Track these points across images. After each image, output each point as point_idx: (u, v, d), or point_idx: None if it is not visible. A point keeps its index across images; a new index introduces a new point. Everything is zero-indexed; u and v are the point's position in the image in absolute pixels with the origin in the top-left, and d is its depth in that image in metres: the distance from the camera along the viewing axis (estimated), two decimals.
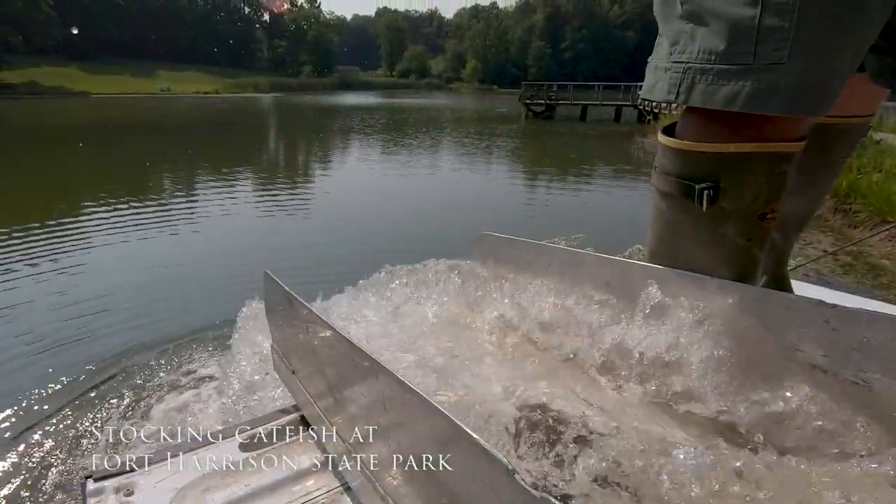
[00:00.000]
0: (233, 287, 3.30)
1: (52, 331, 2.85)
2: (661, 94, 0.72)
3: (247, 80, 54.60)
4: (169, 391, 2.19)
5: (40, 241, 4.58)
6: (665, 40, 0.72)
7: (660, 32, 0.75)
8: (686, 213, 0.76)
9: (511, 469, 0.38)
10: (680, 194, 0.75)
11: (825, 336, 0.61)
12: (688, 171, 0.74)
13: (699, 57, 0.65)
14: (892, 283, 3.68)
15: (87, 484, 0.77)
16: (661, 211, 0.80)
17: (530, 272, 1.05)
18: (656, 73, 0.74)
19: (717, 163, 0.71)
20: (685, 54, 0.67)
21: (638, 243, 3.87)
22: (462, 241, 1.28)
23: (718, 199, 0.71)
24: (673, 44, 0.70)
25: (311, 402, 0.86)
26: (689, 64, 0.67)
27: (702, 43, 0.65)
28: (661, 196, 0.79)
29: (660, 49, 0.75)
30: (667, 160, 0.77)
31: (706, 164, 0.72)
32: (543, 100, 23.18)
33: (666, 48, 0.71)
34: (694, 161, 0.73)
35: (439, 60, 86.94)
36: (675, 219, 0.79)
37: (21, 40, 45.29)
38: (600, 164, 10.52)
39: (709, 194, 0.71)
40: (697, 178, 0.72)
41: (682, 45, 0.68)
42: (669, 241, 0.81)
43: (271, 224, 5.62)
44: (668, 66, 0.71)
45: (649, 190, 0.84)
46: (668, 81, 0.70)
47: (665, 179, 0.78)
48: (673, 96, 0.69)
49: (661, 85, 0.72)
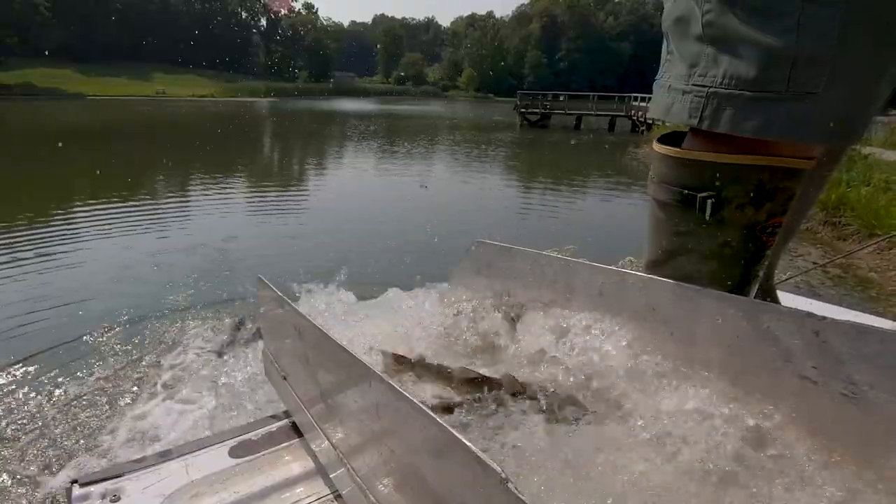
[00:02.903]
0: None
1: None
2: (680, 116, 0.69)
3: (243, 84, 54.61)
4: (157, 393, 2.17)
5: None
6: (680, 60, 0.70)
7: (670, 49, 0.73)
8: (685, 223, 0.75)
9: (504, 478, 0.38)
10: (680, 204, 0.74)
11: (814, 348, 0.62)
12: (689, 181, 0.72)
13: (725, 82, 0.63)
14: (880, 296, 3.72)
15: (73, 489, 0.76)
16: (660, 221, 0.79)
17: (524, 280, 1.06)
18: (671, 93, 0.71)
19: (722, 173, 0.69)
20: (707, 78, 0.65)
21: (630, 254, 3.90)
22: (457, 249, 1.28)
23: (721, 209, 0.70)
24: (692, 65, 0.67)
25: (302, 408, 0.86)
26: (712, 88, 0.64)
27: (728, 68, 0.63)
28: (660, 206, 0.78)
29: (672, 67, 0.72)
30: (668, 169, 0.76)
31: (709, 173, 0.70)
32: (538, 109, 23.35)
33: (683, 69, 0.69)
34: (697, 170, 0.71)
35: (436, 68, 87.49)
36: (673, 229, 0.77)
37: (17, 42, 45.09)
38: (594, 174, 10.59)
39: (712, 203, 0.69)
40: (699, 188, 0.71)
41: (704, 67, 0.65)
42: (667, 251, 0.80)
43: (265, 231, 5.60)
44: (686, 88, 0.68)
45: (646, 201, 0.83)
46: (688, 105, 0.68)
47: (664, 189, 0.76)
48: (695, 121, 0.67)
49: (679, 107, 0.70)
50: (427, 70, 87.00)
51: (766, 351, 0.66)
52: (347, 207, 6.79)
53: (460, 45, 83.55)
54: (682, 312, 0.75)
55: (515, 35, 77.18)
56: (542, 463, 0.65)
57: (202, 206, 6.51)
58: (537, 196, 8.23)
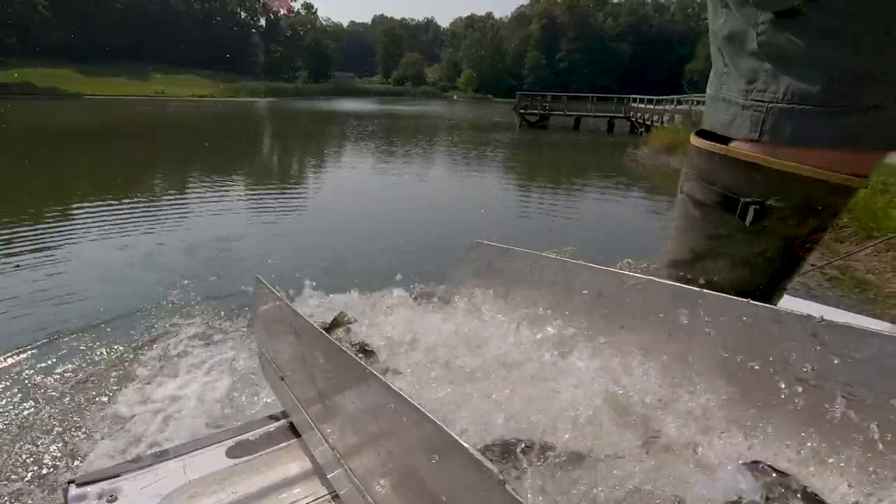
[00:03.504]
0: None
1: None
2: (741, 131, 0.69)
3: (242, 84, 54.57)
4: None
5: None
6: (738, 75, 0.70)
7: (725, 62, 0.72)
8: (722, 226, 0.73)
9: (502, 480, 0.38)
10: (719, 205, 0.72)
11: (812, 350, 0.62)
12: (734, 183, 0.70)
13: (786, 98, 0.64)
14: (877, 298, 3.73)
15: (70, 489, 0.76)
16: (693, 220, 0.77)
17: (523, 281, 1.06)
18: (730, 107, 0.71)
19: (772, 180, 0.67)
20: (767, 93, 0.65)
21: (629, 256, 3.90)
22: (456, 249, 1.28)
23: (764, 218, 0.68)
24: (750, 81, 0.68)
25: (299, 408, 0.86)
26: (772, 104, 0.65)
27: (790, 85, 0.63)
28: (695, 204, 0.76)
29: (729, 81, 0.71)
30: (711, 167, 0.73)
31: (759, 179, 0.68)
32: (538, 110, 23.39)
33: (741, 84, 0.69)
34: (745, 173, 0.69)
35: (435, 69, 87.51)
36: (707, 230, 0.75)
37: (16, 41, 45.06)
38: (593, 175, 10.60)
39: (756, 210, 0.68)
40: (744, 192, 0.69)
41: (763, 83, 0.66)
42: (696, 252, 0.78)
43: (263, 231, 5.59)
44: (746, 103, 0.68)
45: (665, 200, 0.82)
46: (749, 119, 0.68)
47: (703, 187, 0.74)
48: (756, 134, 0.67)
49: (740, 122, 0.69)
50: (426, 70, 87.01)
51: (764, 353, 0.66)
52: (346, 207, 6.79)
53: (459, 45, 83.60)
54: (680, 314, 0.75)
55: (515, 36, 77.25)
56: None
57: (199, 207, 6.51)
58: (536, 197, 8.24)
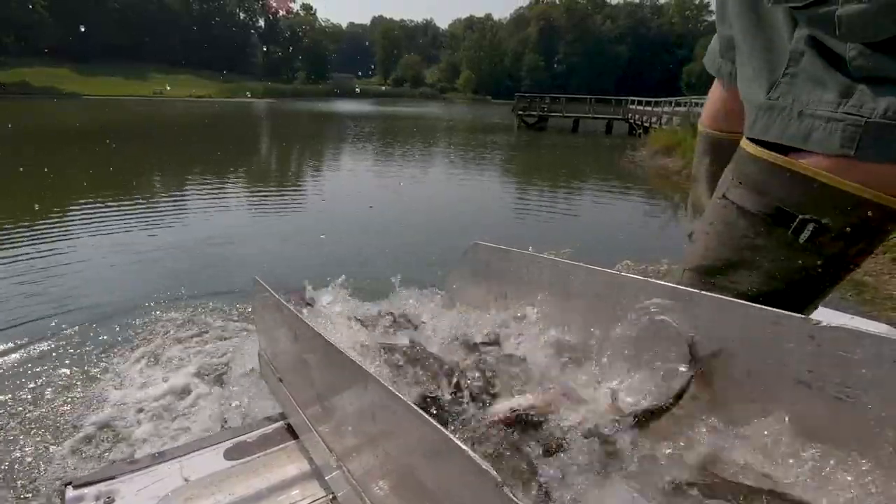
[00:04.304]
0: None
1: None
2: (829, 146, 0.66)
3: (241, 85, 54.52)
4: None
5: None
6: (817, 86, 0.68)
7: (791, 71, 0.70)
8: (768, 239, 0.72)
9: (500, 482, 0.38)
10: (769, 217, 0.70)
11: (810, 352, 0.62)
12: (793, 197, 0.69)
13: (890, 115, 0.62)
14: (874, 299, 3.74)
15: (67, 491, 0.76)
16: (735, 228, 0.75)
17: (521, 282, 1.06)
18: (805, 119, 0.68)
19: (831, 198, 0.66)
20: (864, 109, 0.64)
21: (627, 257, 3.90)
22: (454, 250, 1.28)
23: (820, 235, 0.67)
24: (843, 95, 0.66)
25: (297, 410, 0.85)
26: (870, 119, 0.63)
27: (892, 105, 0.62)
28: (741, 213, 0.74)
29: (796, 90, 0.69)
30: (769, 178, 0.71)
31: (821, 196, 0.67)
32: (536, 111, 23.41)
33: (828, 97, 0.67)
34: (808, 189, 0.67)
35: (434, 70, 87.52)
36: (749, 241, 0.73)
37: (14, 40, 44.97)
38: (591, 176, 10.61)
39: (814, 228, 0.67)
40: (801, 208, 0.68)
41: (858, 99, 0.64)
42: (729, 261, 0.76)
43: (261, 231, 5.59)
44: (833, 116, 0.66)
45: (717, 202, 0.76)
46: (838, 134, 0.65)
47: (755, 198, 0.72)
48: (851, 150, 0.64)
49: (823, 135, 0.67)
50: (425, 72, 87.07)
51: (763, 355, 0.66)
52: (344, 209, 6.78)
53: (458, 47, 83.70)
54: (679, 316, 0.76)
55: (513, 38, 77.34)
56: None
57: (195, 208, 6.49)
58: (534, 198, 8.24)
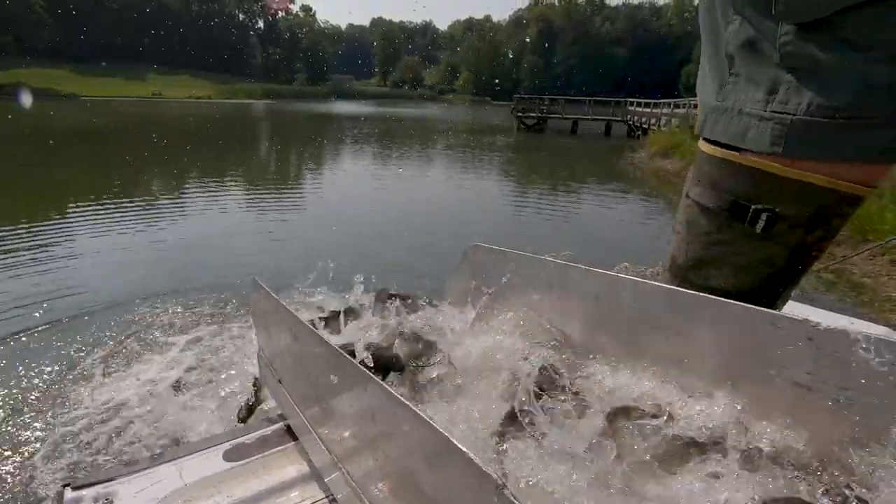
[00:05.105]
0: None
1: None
2: (760, 144, 0.67)
3: (240, 86, 54.51)
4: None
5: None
6: (752, 85, 0.68)
7: (734, 71, 0.70)
8: (728, 233, 0.73)
9: (501, 484, 0.38)
10: (727, 212, 0.72)
11: (809, 353, 0.62)
12: (746, 190, 0.70)
13: (812, 110, 0.62)
14: (873, 301, 3.75)
15: (66, 493, 0.76)
16: (699, 225, 0.77)
17: (520, 284, 1.06)
18: (743, 118, 0.69)
19: (783, 188, 0.67)
20: (789, 105, 0.63)
21: (626, 260, 3.91)
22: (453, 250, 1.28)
23: (774, 225, 0.68)
24: (769, 92, 0.65)
25: (297, 411, 0.85)
26: (796, 116, 0.62)
27: (815, 98, 0.61)
28: (702, 210, 0.75)
29: (738, 91, 0.69)
30: (721, 174, 0.72)
31: (769, 186, 0.68)
32: (535, 113, 23.44)
33: (758, 94, 0.66)
34: (756, 180, 0.69)
35: (433, 71, 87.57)
36: (712, 237, 0.75)
37: (12, 41, 44.91)
38: (591, 178, 10.62)
39: (768, 217, 0.68)
40: (755, 199, 0.69)
41: (784, 94, 0.64)
42: (698, 258, 0.78)
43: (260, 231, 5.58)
44: (765, 114, 0.66)
45: (682, 201, 0.78)
46: (769, 132, 0.65)
47: (712, 194, 0.73)
48: (780, 148, 0.64)
49: (756, 133, 0.67)
50: (424, 73, 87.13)
51: (761, 356, 0.66)
52: (343, 210, 6.78)
53: (457, 48, 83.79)
54: (677, 318, 0.76)
55: (513, 39, 77.46)
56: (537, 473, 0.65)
57: (194, 209, 6.49)
58: (534, 200, 8.25)
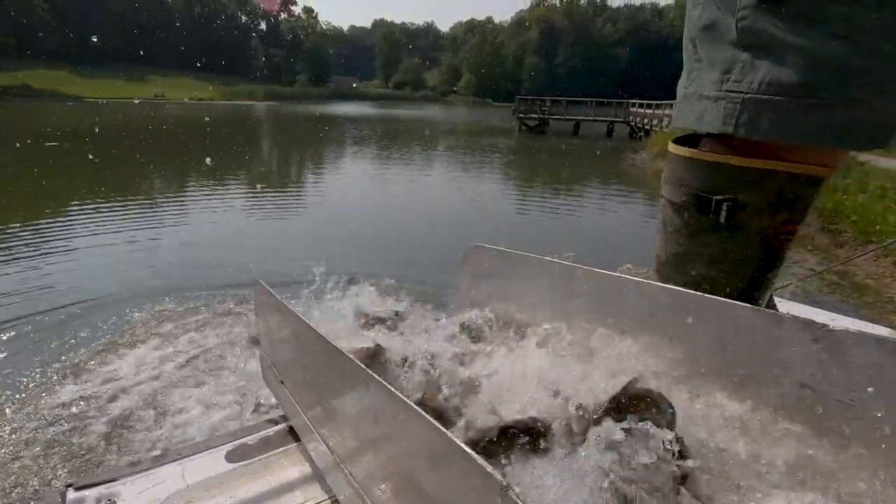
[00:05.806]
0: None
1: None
2: (713, 124, 0.67)
3: (242, 87, 54.60)
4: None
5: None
6: (711, 67, 0.68)
7: (698, 57, 0.70)
8: (699, 226, 0.75)
9: (505, 485, 0.38)
10: (694, 206, 0.74)
11: (813, 355, 0.62)
12: (705, 183, 0.72)
13: (763, 88, 0.61)
14: (876, 303, 3.74)
15: (68, 493, 0.76)
16: (673, 222, 0.79)
17: (522, 285, 1.05)
18: (701, 101, 0.69)
19: (741, 177, 0.68)
20: (742, 84, 0.63)
21: (629, 260, 3.90)
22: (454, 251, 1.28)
23: (737, 214, 0.69)
24: (725, 72, 0.65)
25: (299, 412, 0.85)
26: (748, 94, 0.63)
27: (767, 74, 0.61)
28: (673, 207, 0.78)
29: (701, 75, 0.70)
30: (683, 171, 0.75)
31: (727, 177, 0.69)
32: (537, 114, 23.42)
33: (715, 76, 0.66)
34: (714, 173, 0.71)
35: (435, 73, 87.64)
36: (686, 231, 0.77)
37: (15, 43, 45.09)
38: (593, 179, 10.62)
39: (728, 207, 0.69)
40: (715, 191, 0.70)
41: (739, 73, 0.64)
42: (677, 254, 0.79)
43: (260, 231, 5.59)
44: (720, 94, 0.66)
45: (652, 204, 0.82)
46: (721, 112, 0.65)
47: (678, 190, 0.76)
48: (730, 128, 0.64)
49: (711, 115, 0.67)
50: (426, 75, 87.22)
51: (766, 358, 0.66)
52: (343, 212, 6.78)
53: (459, 50, 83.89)
54: (681, 319, 0.75)
55: (514, 41, 77.51)
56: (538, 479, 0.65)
57: (194, 210, 6.50)
58: (536, 201, 8.24)
